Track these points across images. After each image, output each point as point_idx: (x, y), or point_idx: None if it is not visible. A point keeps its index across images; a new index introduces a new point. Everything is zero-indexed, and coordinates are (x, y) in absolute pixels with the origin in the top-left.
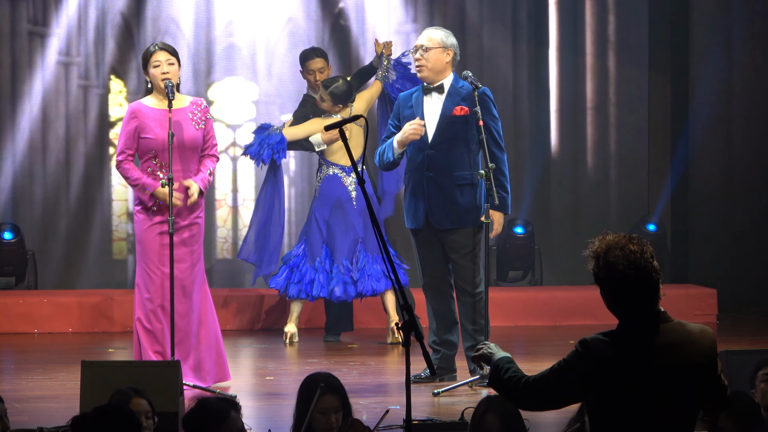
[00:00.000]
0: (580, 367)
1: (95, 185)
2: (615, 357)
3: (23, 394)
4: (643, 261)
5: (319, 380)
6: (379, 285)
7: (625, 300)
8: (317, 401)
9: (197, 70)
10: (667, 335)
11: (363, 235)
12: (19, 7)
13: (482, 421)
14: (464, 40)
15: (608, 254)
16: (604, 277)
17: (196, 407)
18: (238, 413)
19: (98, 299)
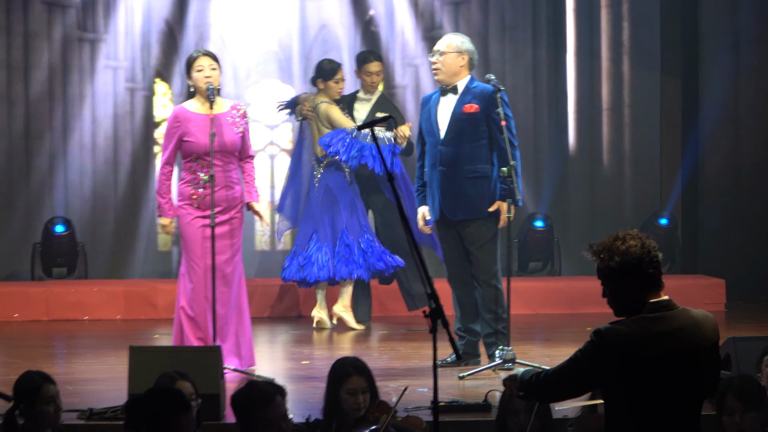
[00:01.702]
0: (596, 356)
1: (141, 181)
2: (628, 344)
3: (74, 377)
4: (652, 248)
5: (347, 363)
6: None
7: (634, 288)
8: (346, 383)
9: (237, 73)
10: (674, 321)
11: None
12: (70, 15)
13: (510, 401)
14: (487, 45)
15: (620, 244)
16: (617, 265)
17: (245, 388)
18: (283, 398)
19: (144, 288)
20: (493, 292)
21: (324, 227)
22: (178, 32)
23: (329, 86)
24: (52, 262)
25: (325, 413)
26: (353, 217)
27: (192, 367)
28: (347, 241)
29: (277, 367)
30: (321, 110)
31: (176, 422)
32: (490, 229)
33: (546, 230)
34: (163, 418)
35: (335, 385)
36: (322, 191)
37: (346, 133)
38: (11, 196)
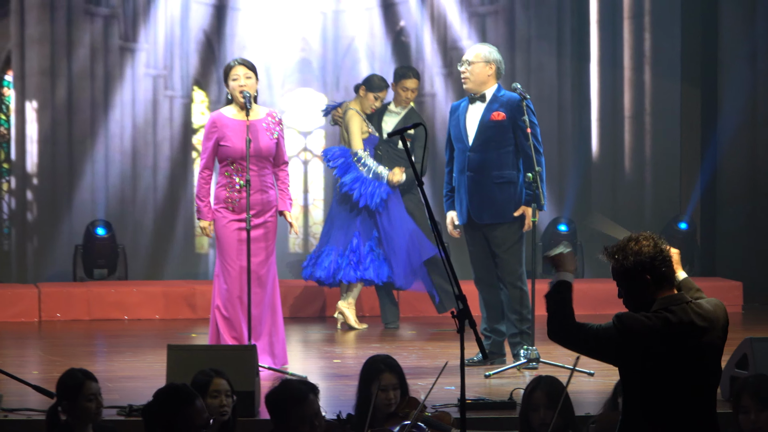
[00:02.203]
0: (617, 339)
1: (179, 186)
2: (646, 333)
3: (115, 375)
4: (664, 248)
5: (379, 361)
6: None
7: (648, 285)
8: (378, 380)
9: (271, 81)
10: (687, 313)
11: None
12: (112, 25)
13: (531, 397)
14: (513, 55)
15: (633, 245)
16: (631, 264)
17: (279, 387)
18: (316, 396)
19: (182, 289)
20: (518, 293)
21: (338, 231)
22: (216, 42)
23: (368, 97)
24: (94, 264)
25: (357, 409)
26: (366, 222)
27: (228, 364)
28: (357, 246)
29: (309, 365)
30: (347, 116)
31: (185, 413)
32: (516, 232)
33: (569, 234)
34: (172, 412)
35: (367, 381)
36: (341, 195)
37: (349, 155)
38: (54, 199)
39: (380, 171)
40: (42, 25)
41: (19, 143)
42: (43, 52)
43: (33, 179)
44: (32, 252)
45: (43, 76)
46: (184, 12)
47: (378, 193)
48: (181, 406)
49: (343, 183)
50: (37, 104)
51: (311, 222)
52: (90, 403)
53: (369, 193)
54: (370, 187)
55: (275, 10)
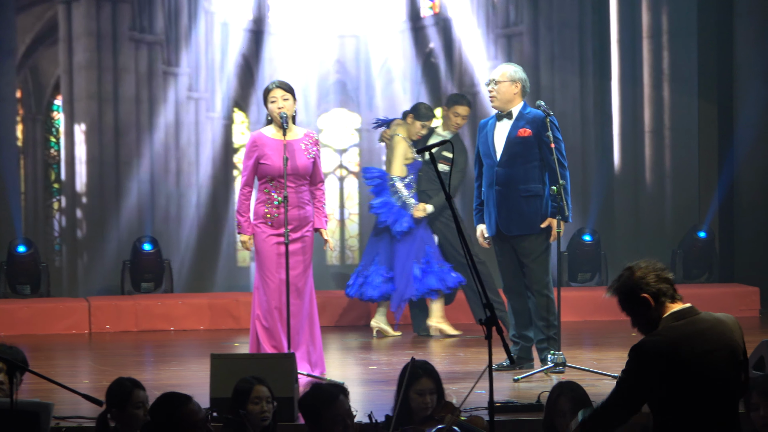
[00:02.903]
0: (639, 370)
1: (221, 203)
2: (664, 350)
3: (161, 383)
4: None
5: (417, 366)
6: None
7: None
8: (415, 384)
9: (308, 102)
10: (701, 323)
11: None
12: (156, 51)
13: (556, 404)
14: (538, 74)
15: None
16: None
17: (309, 391)
18: (346, 397)
19: (225, 301)
20: (545, 301)
21: (383, 250)
22: (254, 65)
23: (414, 125)
24: (141, 278)
25: (394, 411)
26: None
27: (268, 372)
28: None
29: (346, 372)
30: (393, 141)
31: (180, 414)
32: (543, 243)
33: (594, 243)
34: (168, 414)
35: (405, 385)
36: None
37: (386, 178)
38: (103, 217)
39: (409, 202)
40: (89, 52)
41: (68, 164)
42: (90, 78)
43: (82, 198)
44: (82, 267)
45: (90, 100)
46: (224, 37)
47: (401, 221)
48: (180, 407)
49: (371, 204)
50: (85, 127)
51: (347, 235)
52: (138, 411)
53: (392, 219)
54: (396, 215)
55: (310, 35)
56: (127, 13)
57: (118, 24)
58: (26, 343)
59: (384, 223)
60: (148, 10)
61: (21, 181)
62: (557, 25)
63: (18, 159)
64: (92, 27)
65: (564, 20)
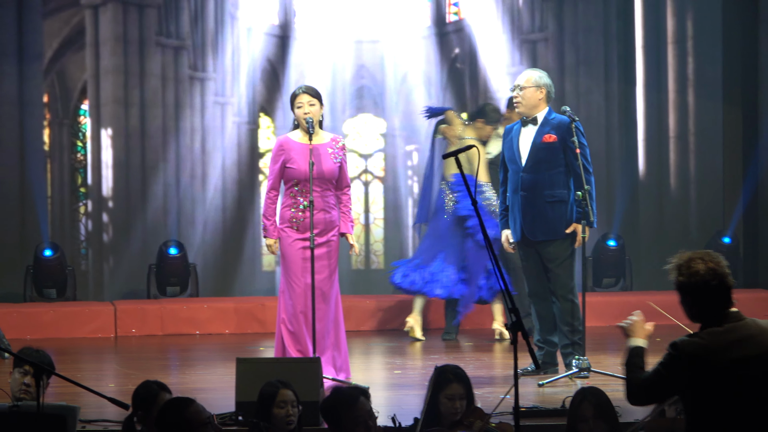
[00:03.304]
0: (675, 367)
1: (247, 207)
2: (703, 353)
3: (187, 387)
4: (720, 269)
5: (448, 371)
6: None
7: (706, 302)
8: (446, 388)
9: (334, 107)
10: (744, 330)
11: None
12: (182, 56)
13: (578, 409)
14: (563, 79)
15: (691, 264)
16: (686, 282)
17: (330, 394)
18: (367, 399)
19: (250, 305)
20: (570, 306)
21: (453, 250)
22: (280, 70)
23: (485, 129)
24: (166, 282)
25: (423, 415)
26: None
27: (293, 376)
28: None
29: (372, 376)
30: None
31: (186, 416)
32: (568, 248)
33: (618, 249)
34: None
35: (436, 390)
36: (453, 217)
37: (476, 183)
38: (129, 221)
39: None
40: (115, 56)
41: (95, 168)
42: (117, 82)
43: (108, 202)
44: (108, 271)
45: (117, 104)
46: (250, 42)
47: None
48: (183, 411)
49: (463, 207)
50: (111, 131)
51: (372, 240)
52: None
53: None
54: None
55: (336, 40)
56: (154, 18)
57: (145, 29)
58: (52, 346)
59: (474, 228)
60: (175, 15)
61: (48, 185)
62: (582, 31)
63: (45, 163)
64: (119, 32)
65: (589, 26)
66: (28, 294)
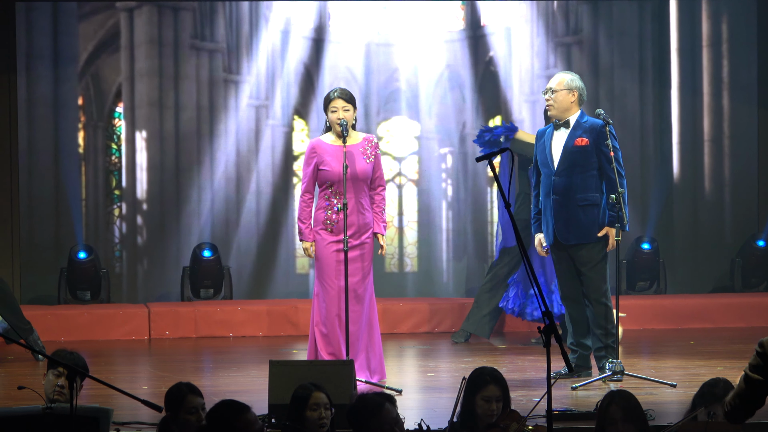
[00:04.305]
0: (764, 365)
1: (281, 210)
2: None
3: (220, 389)
4: None
5: (486, 373)
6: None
7: None
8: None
9: (368, 110)
10: None
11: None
12: (216, 58)
13: (607, 412)
14: (597, 83)
15: None
16: None
17: (356, 401)
18: (393, 405)
19: (284, 308)
20: (603, 309)
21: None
22: (315, 73)
23: None
24: (200, 284)
25: (460, 416)
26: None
27: (326, 379)
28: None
29: (404, 379)
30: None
31: (241, 423)
32: (600, 252)
33: (652, 252)
34: (228, 423)
35: (472, 391)
36: None
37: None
38: (163, 224)
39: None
40: (150, 59)
41: (129, 171)
42: (151, 85)
43: (143, 205)
44: (142, 274)
45: (151, 107)
46: (284, 45)
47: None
48: (238, 416)
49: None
50: (146, 134)
51: (405, 243)
52: (191, 416)
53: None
54: None
55: (370, 43)
56: (189, 21)
57: (180, 32)
58: (86, 348)
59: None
60: (210, 18)
61: (82, 187)
62: (617, 34)
63: (79, 166)
64: (154, 35)
65: (623, 28)
66: (62, 296)
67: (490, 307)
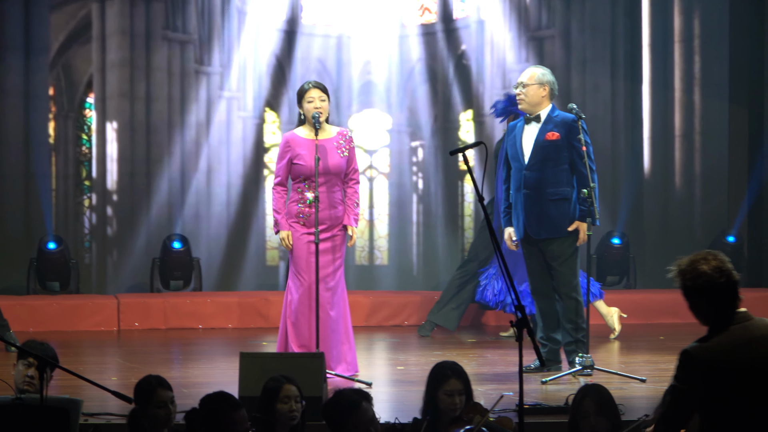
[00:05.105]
0: (689, 376)
1: (252, 202)
2: (714, 357)
3: (189, 381)
4: (724, 265)
5: (446, 367)
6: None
7: (716, 302)
8: (444, 384)
9: (339, 102)
10: (754, 330)
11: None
12: (188, 50)
13: (580, 405)
14: (569, 77)
15: (695, 266)
16: (692, 285)
17: (332, 398)
18: (369, 403)
19: (254, 300)
20: (573, 303)
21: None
22: (287, 66)
23: None
24: (170, 276)
25: (423, 412)
26: None
27: (297, 371)
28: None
29: (374, 372)
30: None
31: (229, 418)
32: (571, 246)
33: (622, 247)
34: (216, 415)
35: (434, 386)
36: None
37: None
38: (133, 215)
39: None
40: (122, 50)
41: (99, 162)
42: (122, 76)
43: (113, 196)
44: (112, 265)
45: (122, 98)
46: (257, 37)
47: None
48: (228, 412)
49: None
50: (116, 125)
51: (376, 236)
52: (159, 410)
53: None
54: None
55: (342, 36)
56: (161, 12)
57: (151, 23)
58: (55, 339)
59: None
60: (182, 10)
61: (52, 178)
62: (589, 29)
63: (50, 156)
64: (125, 25)
65: (596, 23)
66: (31, 287)
67: (459, 300)
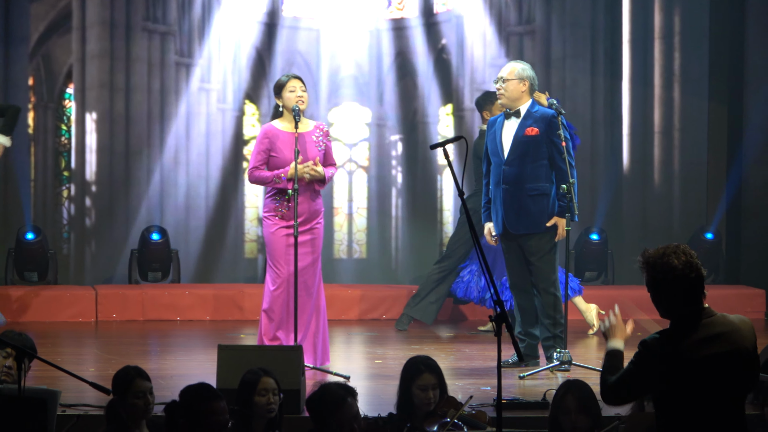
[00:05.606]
0: (645, 365)
1: (230, 194)
2: (672, 351)
3: (167, 373)
4: (695, 260)
5: (419, 361)
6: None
7: (683, 297)
8: (417, 379)
9: (319, 96)
10: (715, 326)
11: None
12: (168, 41)
13: (562, 401)
14: (549, 72)
15: (666, 260)
16: (663, 278)
17: (318, 392)
18: (354, 399)
19: (232, 292)
20: (551, 299)
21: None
22: (267, 58)
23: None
24: (148, 267)
25: (398, 407)
26: None
27: (275, 364)
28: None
29: (352, 366)
30: None
31: (208, 409)
32: (549, 241)
33: (601, 243)
34: (196, 406)
35: (407, 381)
36: None
37: None
38: (112, 206)
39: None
40: (102, 41)
41: (78, 153)
42: (102, 67)
43: (92, 187)
44: (90, 256)
45: (102, 89)
46: (237, 30)
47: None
48: (207, 403)
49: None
50: (96, 116)
51: (355, 229)
52: (138, 401)
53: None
54: None
55: (322, 29)
56: (141, 3)
57: (132, 14)
58: (33, 330)
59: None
60: (162, 1)
61: (31, 168)
62: (569, 25)
63: (29, 146)
64: (106, 16)
65: (576, 19)
66: (9, 277)
67: (437, 295)
